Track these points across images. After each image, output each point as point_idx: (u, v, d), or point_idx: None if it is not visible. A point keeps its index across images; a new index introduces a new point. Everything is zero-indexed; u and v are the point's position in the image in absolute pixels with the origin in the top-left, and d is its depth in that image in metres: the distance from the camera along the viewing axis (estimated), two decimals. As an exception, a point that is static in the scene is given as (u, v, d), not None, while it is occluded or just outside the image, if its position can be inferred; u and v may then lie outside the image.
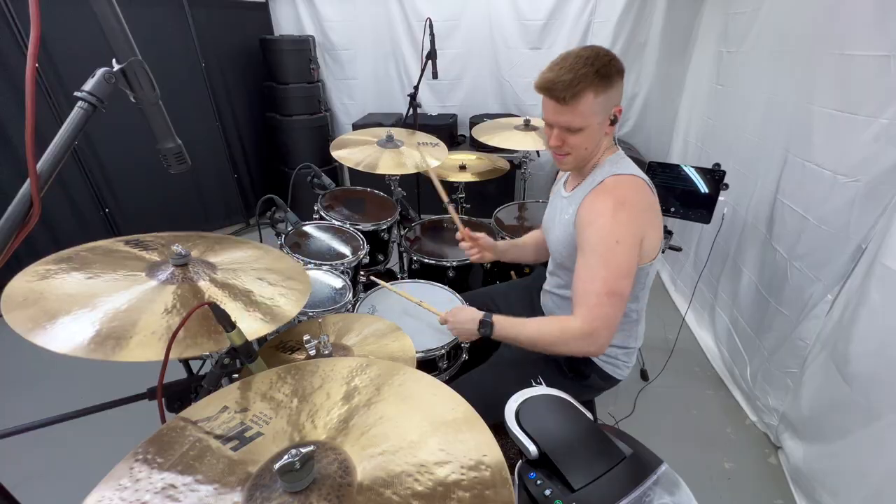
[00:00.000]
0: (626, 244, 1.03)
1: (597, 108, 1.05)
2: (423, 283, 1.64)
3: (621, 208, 1.03)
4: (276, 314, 0.96)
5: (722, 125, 2.33)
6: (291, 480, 0.57)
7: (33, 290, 0.86)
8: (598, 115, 1.07)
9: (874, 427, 1.25)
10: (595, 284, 1.03)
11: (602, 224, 1.04)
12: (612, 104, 1.07)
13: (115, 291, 0.89)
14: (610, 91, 1.04)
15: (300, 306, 1.00)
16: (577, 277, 1.09)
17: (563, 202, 1.23)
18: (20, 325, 0.78)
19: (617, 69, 1.04)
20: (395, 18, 3.49)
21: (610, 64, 1.03)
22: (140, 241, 1.09)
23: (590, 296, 1.04)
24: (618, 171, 1.09)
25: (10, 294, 0.85)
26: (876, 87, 1.31)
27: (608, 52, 1.06)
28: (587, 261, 1.06)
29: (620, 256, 1.02)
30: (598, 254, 1.04)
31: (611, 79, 1.03)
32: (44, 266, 0.94)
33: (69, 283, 0.90)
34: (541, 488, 0.76)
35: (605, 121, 1.09)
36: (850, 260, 1.41)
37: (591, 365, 1.28)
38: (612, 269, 1.02)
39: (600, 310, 1.03)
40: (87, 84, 0.69)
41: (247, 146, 3.64)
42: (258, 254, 1.17)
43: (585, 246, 1.07)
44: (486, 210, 2.29)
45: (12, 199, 0.64)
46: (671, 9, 2.96)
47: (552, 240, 1.27)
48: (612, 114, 1.08)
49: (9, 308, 0.82)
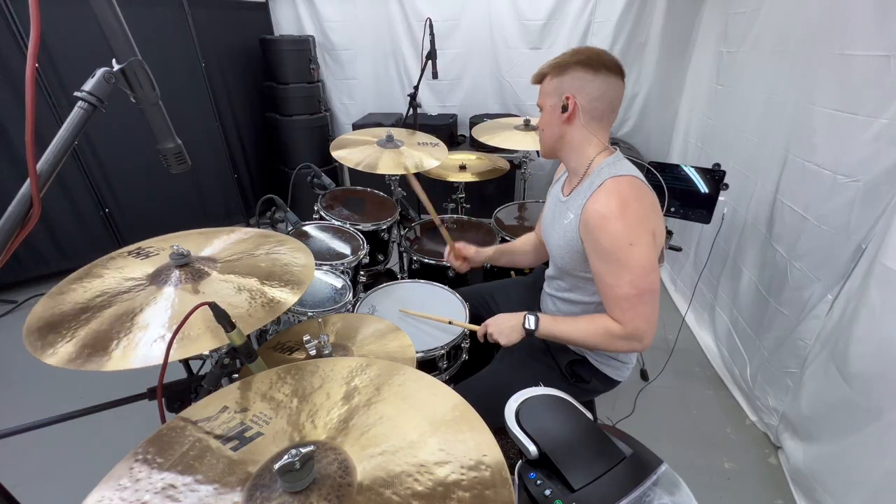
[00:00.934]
0: (640, 243, 1.03)
1: (549, 89, 1.14)
2: (423, 282, 1.64)
3: (628, 209, 1.04)
4: (297, 279, 1.01)
5: (722, 125, 2.33)
6: (291, 480, 0.57)
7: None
8: (549, 98, 1.14)
9: (874, 427, 1.25)
10: (623, 289, 1.05)
11: (613, 229, 1.03)
12: (563, 91, 1.11)
13: (136, 303, 0.91)
14: (561, 78, 1.11)
15: (312, 261, 1.10)
16: (601, 283, 1.10)
17: (561, 206, 1.22)
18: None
19: (578, 60, 1.09)
20: (395, 18, 3.49)
21: (571, 54, 1.11)
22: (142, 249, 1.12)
23: (621, 301, 1.06)
24: (616, 172, 1.09)
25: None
26: (876, 87, 1.31)
27: (586, 49, 1.12)
28: (608, 267, 1.07)
29: (639, 256, 1.03)
30: (616, 258, 1.04)
31: (564, 67, 1.11)
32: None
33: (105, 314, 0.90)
34: (541, 488, 0.76)
35: (556, 107, 1.13)
36: (850, 260, 1.41)
37: (592, 370, 1.28)
38: (635, 270, 1.03)
39: (635, 311, 1.06)
40: (87, 84, 0.69)
41: (247, 146, 3.64)
42: (249, 235, 1.22)
43: (601, 252, 1.07)
44: (486, 210, 2.29)
45: (12, 199, 0.64)
46: (671, 9, 2.96)
47: (552, 244, 1.26)
48: (562, 99, 1.11)
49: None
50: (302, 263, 1.09)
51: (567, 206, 1.19)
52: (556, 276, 1.33)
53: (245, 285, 0.98)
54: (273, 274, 1.03)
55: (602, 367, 1.27)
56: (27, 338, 0.84)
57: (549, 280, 1.39)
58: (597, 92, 1.09)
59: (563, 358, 1.27)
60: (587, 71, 1.08)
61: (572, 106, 1.09)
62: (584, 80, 1.09)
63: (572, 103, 1.09)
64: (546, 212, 1.36)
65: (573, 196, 1.18)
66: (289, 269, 1.06)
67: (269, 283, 1.00)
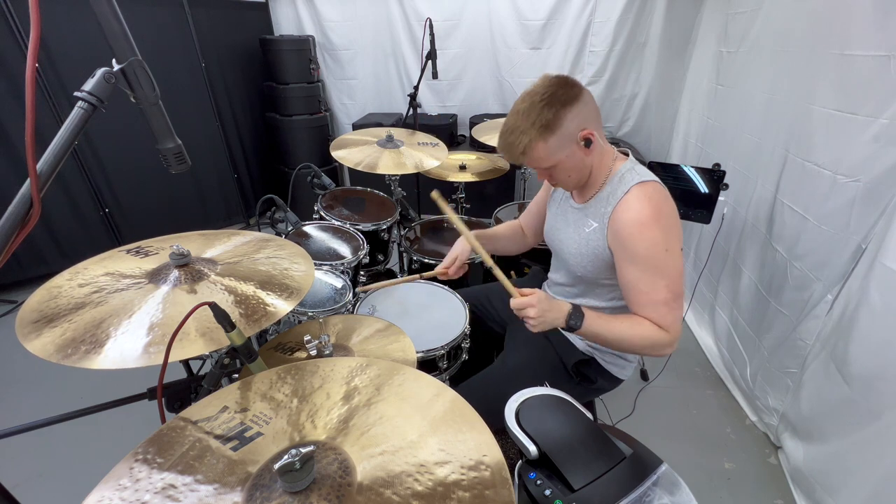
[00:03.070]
0: (673, 250, 1.05)
1: (553, 148, 1.05)
2: (423, 282, 1.63)
3: (661, 216, 1.05)
4: (296, 285, 1.00)
5: (722, 125, 2.33)
6: (291, 480, 0.57)
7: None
8: (561, 151, 1.06)
9: (874, 427, 1.25)
10: (660, 294, 1.05)
11: (650, 235, 1.04)
12: (571, 135, 1.05)
13: (131, 303, 0.90)
14: (559, 130, 1.03)
15: (312, 267, 1.08)
16: (634, 290, 1.09)
17: (577, 213, 1.21)
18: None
19: (561, 103, 1.02)
20: (395, 18, 3.49)
21: (547, 107, 1.01)
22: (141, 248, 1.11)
23: (660, 307, 1.06)
24: (640, 178, 1.08)
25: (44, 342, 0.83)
26: (876, 87, 1.31)
27: (547, 88, 1.03)
28: (643, 274, 1.07)
29: (673, 262, 1.05)
30: (653, 265, 1.05)
31: (552, 122, 1.02)
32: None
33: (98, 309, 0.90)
34: (541, 488, 0.76)
35: (575, 151, 1.07)
36: (850, 260, 1.41)
37: (599, 370, 1.28)
38: (671, 275, 1.05)
39: (674, 315, 1.07)
40: (87, 84, 0.69)
41: (247, 146, 3.64)
42: (250, 239, 1.21)
43: (637, 259, 1.06)
44: (486, 210, 2.29)
45: (12, 199, 0.64)
46: (671, 9, 2.96)
47: (566, 251, 1.24)
48: (578, 140, 1.06)
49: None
50: (303, 269, 1.09)
51: (586, 214, 1.17)
52: (568, 282, 1.31)
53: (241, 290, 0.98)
54: (273, 278, 1.03)
55: (608, 367, 1.28)
56: (20, 329, 0.83)
57: (556, 286, 1.37)
58: (593, 111, 1.08)
59: (571, 358, 1.27)
60: (573, 105, 1.03)
61: (593, 137, 1.06)
62: (579, 112, 1.04)
63: (591, 135, 1.06)
64: (554, 218, 1.32)
65: (593, 204, 1.16)
66: (289, 274, 1.05)
67: (267, 288, 0.99)
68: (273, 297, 0.96)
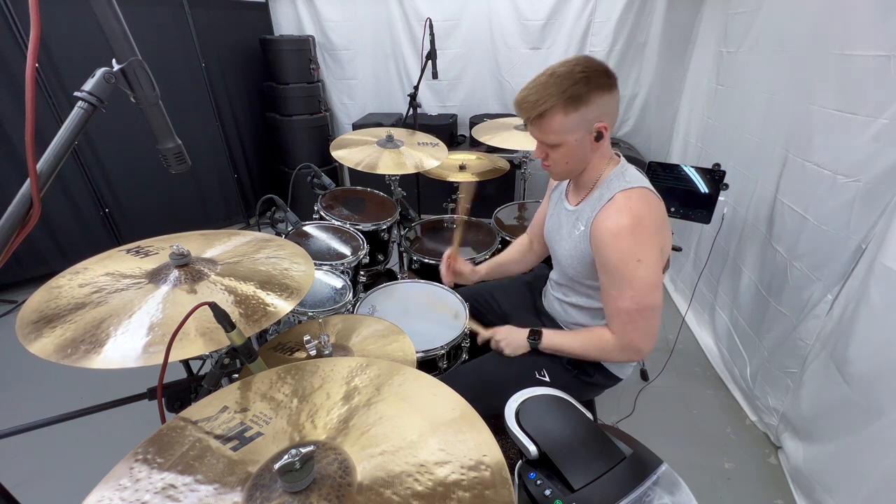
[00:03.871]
0: (648, 260, 1.03)
1: (569, 125, 1.03)
2: (423, 283, 1.64)
3: (639, 227, 1.03)
4: (296, 285, 1.00)
5: (722, 125, 2.33)
6: (291, 480, 0.57)
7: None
8: (574, 133, 1.05)
9: (874, 427, 1.25)
10: (624, 302, 1.06)
11: (622, 246, 1.03)
12: (589, 121, 1.03)
13: (131, 303, 0.90)
14: (584, 108, 1.01)
15: (312, 267, 1.08)
16: (605, 294, 1.11)
17: (570, 216, 1.22)
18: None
19: (596, 85, 1.00)
20: (395, 18, 3.49)
21: (584, 82, 0.99)
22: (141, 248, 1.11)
23: (622, 314, 1.08)
24: (626, 185, 1.07)
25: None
26: (876, 87, 1.31)
27: (588, 67, 1.01)
28: (613, 280, 1.07)
29: (644, 272, 1.03)
30: (621, 274, 1.04)
31: (582, 97, 1.00)
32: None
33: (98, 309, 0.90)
34: (541, 488, 0.76)
35: (586, 137, 1.06)
36: (850, 260, 1.41)
37: (595, 364, 1.28)
38: (639, 286, 1.03)
39: (633, 325, 1.07)
40: (87, 84, 0.69)
41: (247, 146, 3.64)
42: (250, 239, 1.20)
43: (608, 266, 1.07)
44: (486, 210, 2.29)
45: (12, 199, 0.64)
46: (671, 9, 2.96)
47: (561, 253, 1.25)
48: (593, 130, 1.05)
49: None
50: (303, 269, 1.09)
51: (577, 217, 1.18)
52: (564, 283, 1.32)
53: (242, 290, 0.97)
54: (273, 279, 1.03)
55: (606, 363, 1.28)
56: (20, 329, 0.83)
57: (555, 285, 1.39)
58: (615, 109, 1.07)
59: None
60: (605, 92, 1.02)
61: (605, 132, 1.06)
62: (605, 103, 1.03)
63: (605, 129, 1.05)
64: (551, 219, 1.34)
65: (582, 207, 1.17)
66: (289, 275, 1.05)
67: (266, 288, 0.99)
68: (273, 297, 0.96)
